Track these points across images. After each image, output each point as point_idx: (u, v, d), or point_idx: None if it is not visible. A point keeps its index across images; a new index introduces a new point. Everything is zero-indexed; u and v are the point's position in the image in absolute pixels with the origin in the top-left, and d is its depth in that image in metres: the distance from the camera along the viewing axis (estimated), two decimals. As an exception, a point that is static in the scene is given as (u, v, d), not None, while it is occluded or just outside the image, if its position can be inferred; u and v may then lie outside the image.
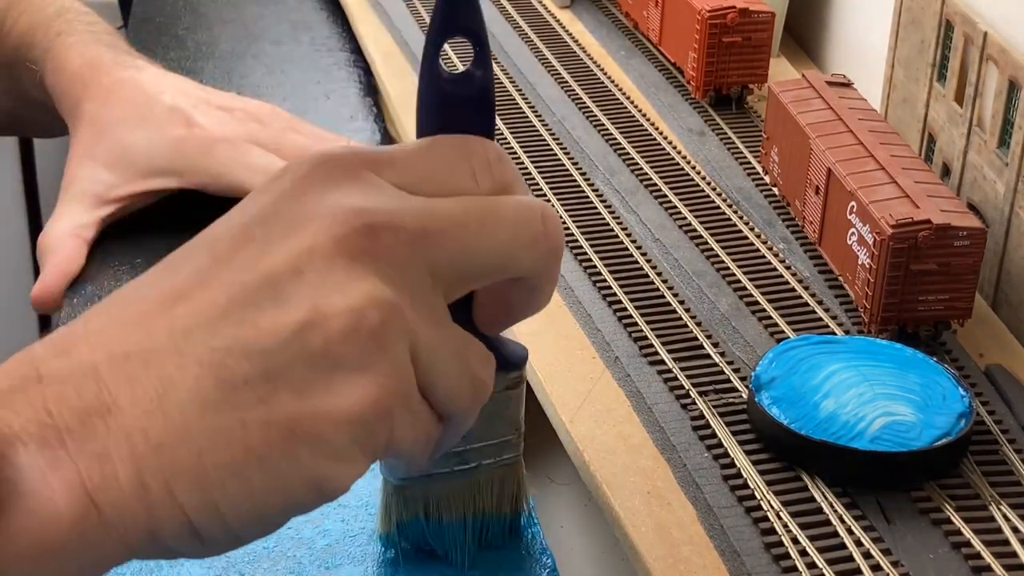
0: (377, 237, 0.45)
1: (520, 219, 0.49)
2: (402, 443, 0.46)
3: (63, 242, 0.86)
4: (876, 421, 0.67)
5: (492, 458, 0.62)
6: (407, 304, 0.45)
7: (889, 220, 0.73)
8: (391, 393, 0.45)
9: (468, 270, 0.48)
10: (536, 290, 0.51)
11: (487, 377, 0.50)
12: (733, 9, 1.00)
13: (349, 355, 0.44)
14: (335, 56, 1.19)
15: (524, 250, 0.49)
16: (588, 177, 0.94)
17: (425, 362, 0.46)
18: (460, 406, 0.48)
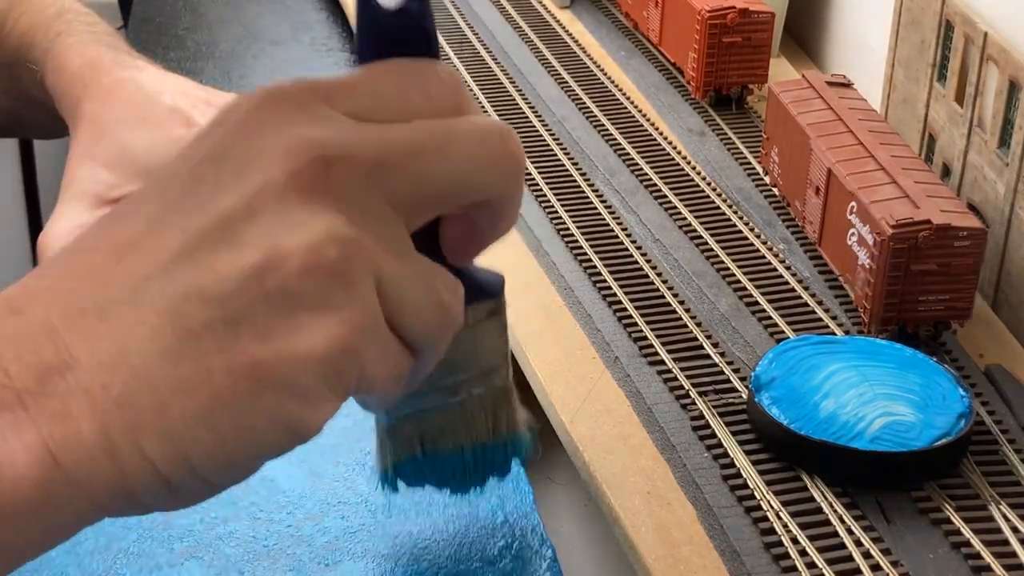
0: (332, 169, 0.44)
1: (479, 139, 0.47)
2: (374, 379, 0.45)
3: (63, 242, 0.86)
4: (876, 421, 0.67)
5: (481, 386, 0.61)
6: (367, 236, 0.44)
7: (889, 220, 0.73)
8: (357, 329, 0.43)
9: (428, 196, 0.46)
10: (501, 212, 0.49)
11: (455, 304, 0.48)
12: (733, 9, 1.00)
13: (310, 294, 0.43)
14: (335, 56, 1.19)
15: (485, 172, 0.47)
16: (588, 177, 0.94)
17: (391, 294, 0.44)
18: (430, 335, 0.47)
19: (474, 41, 1.15)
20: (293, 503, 0.68)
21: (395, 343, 0.46)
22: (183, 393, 0.41)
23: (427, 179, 0.46)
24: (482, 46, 1.14)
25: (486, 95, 1.05)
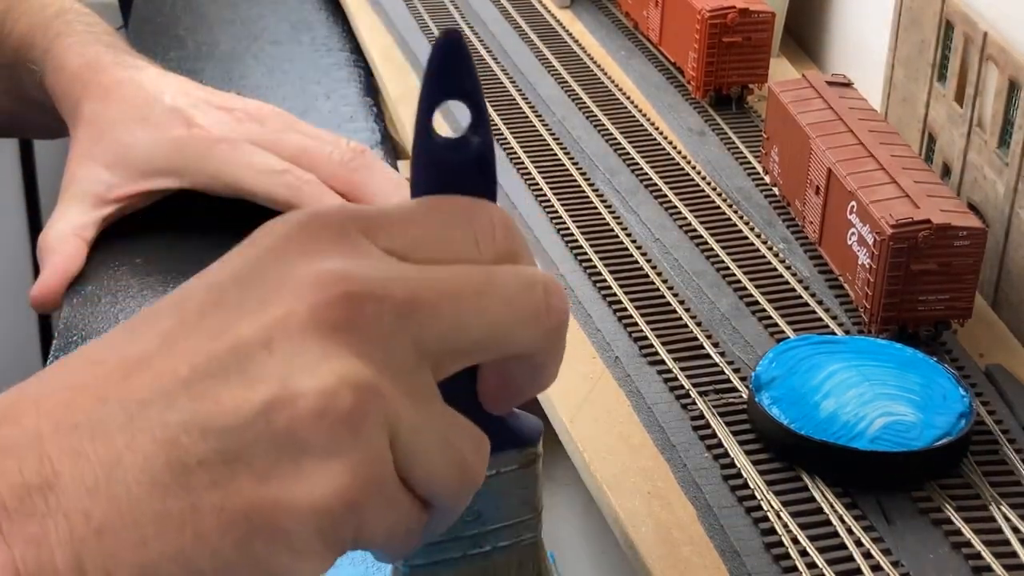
0: (359, 307, 0.41)
1: (519, 292, 0.45)
2: (375, 536, 0.42)
3: (63, 242, 0.86)
4: (876, 421, 0.67)
5: (508, 540, 0.56)
6: (388, 382, 0.41)
7: (889, 220, 0.73)
8: (363, 482, 0.40)
9: (459, 346, 0.43)
10: (540, 368, 0.47)
11: (477, 463, 0.45)
12: (733, 9, 1.00)
13: (317, 440, 0.40)
14: (335, 56, 1.19)
15: (522, 326, 0.45)
16: (588, 177, 0.94)
17: (405, 446, 0.42)
18: (445, 493, 0.44)
19: (474, 41, 1.15)
20: (293, 503, 0.68)
21: (406, 498, 0.43)
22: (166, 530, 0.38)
23: (459, 329, 0.43)
24: (482, 46, 1.14)
25: (486, 94, 1.04)
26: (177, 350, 0.40)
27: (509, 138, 0.99)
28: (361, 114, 1.08)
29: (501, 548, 0.56)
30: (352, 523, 0.41)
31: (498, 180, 0.50)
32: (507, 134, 0.99)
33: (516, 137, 0.99)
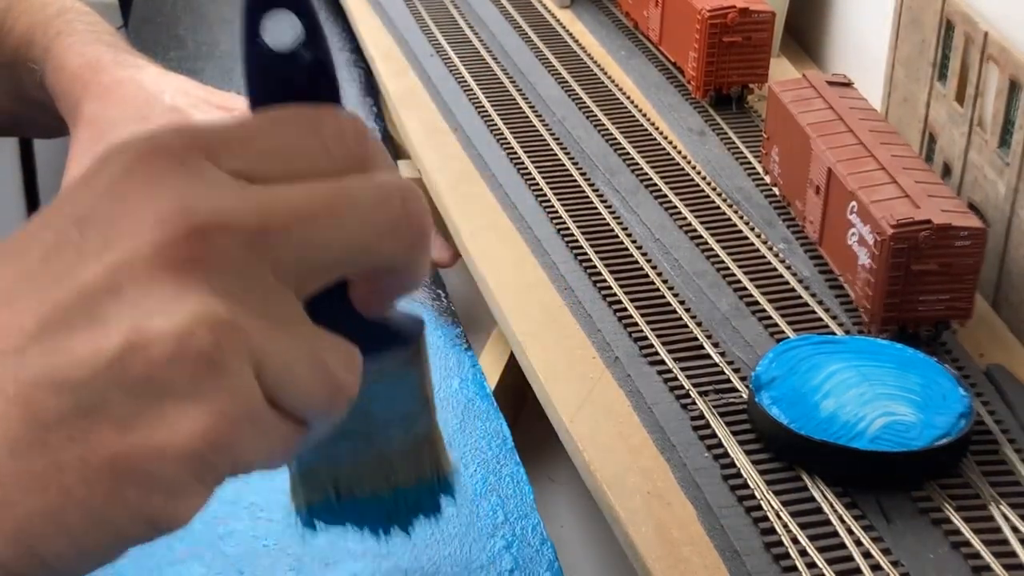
0: (206, 241, 0.39)
1: (375, 205, 0.43)
2: (251, 464, 0.41)
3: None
4: (876, 421, 0.67)
5: (401, 433, 0.57)
6: (246, 313, 0.40)
7: (889, 220, 0.73)
8: (230, 420, 0.39)
9: (319, 266, 0.42)
10: (404, 277, 0.46)
11: (349, 377, 0.44)
12: (733, 9, 1.00)
13: (178, 382, 0.38)
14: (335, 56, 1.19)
15: (382, 240, 0.43)
16: (588, 177, 0.94)
17: (272, 375, 0.40)
18: (319, 411, 0.43)
19: (474, 41, 1.15)
20: (293, 503, 0.68)
21: (279, 423, 0.42)
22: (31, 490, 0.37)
23: (318, 248, 0.42)
24: (482, 46, 1.14)
25: (486, 95, 1.05)
26: (22, 302, 0.39)
27: (509, 138, 0.99)
28: (361, 114, 1.08)
29: (395, 441, 0.57)
30: (225, 459, 0.40)
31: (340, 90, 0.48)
32: (507, 134, 0.99)
33: (516, 137, 0.99)
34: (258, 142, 0.43)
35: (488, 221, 0.89)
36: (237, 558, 0.65)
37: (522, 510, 0.68)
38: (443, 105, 1.04)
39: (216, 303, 0.39)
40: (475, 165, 0.96)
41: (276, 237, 0.41)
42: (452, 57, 1.12)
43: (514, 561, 0.65)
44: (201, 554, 0.65)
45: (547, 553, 0.65)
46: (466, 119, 1.02)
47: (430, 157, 0.97)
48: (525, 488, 0.69)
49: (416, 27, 1.17)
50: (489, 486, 0.69)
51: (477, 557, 0.65)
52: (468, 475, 0.70)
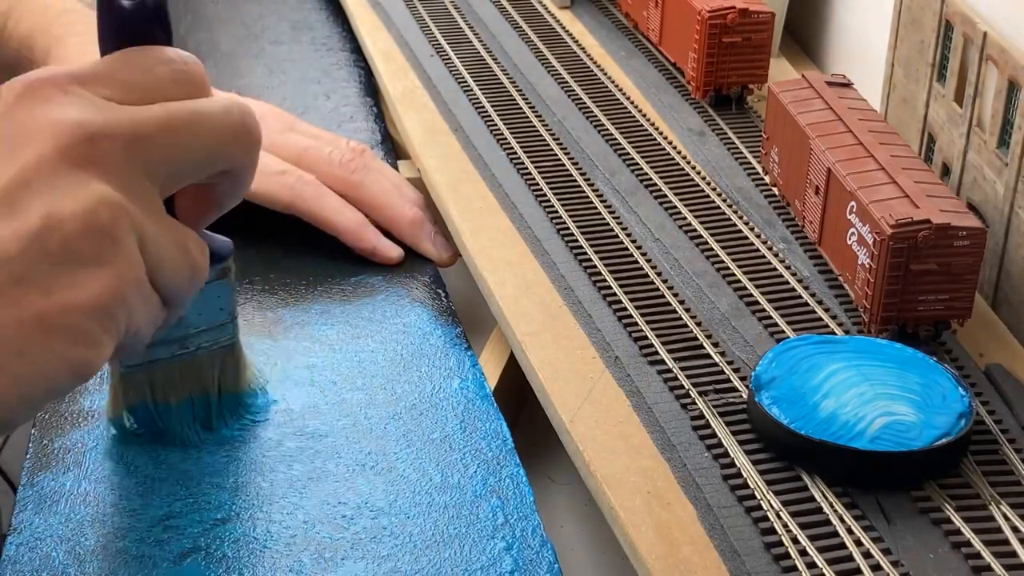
0: (96, 144, 0.50)
1: (222, 116, 0.54)
2: (139, 325, 0.52)
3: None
4: (876, 421, 0.67)
5: (209, 342, 0.70)
6: (130, 202, 0.50)
7: (889, 220, 0.73)
8: (127, 282, 0.50)
9: (181, 167, 0.54)
10: (239, 180, 0.58)
11: (203, 262, 0.56)
12: (733, 9, 1.00)
13: (87, 252, 0.49)
14: (335, 56, 1.19)
15: (229, 145, 0.55)
16: (588, 177, 0.94)
17: (152, 252, 0.52)
18: (181, 289, 0.54)
19: (474, 41, 1.15)
20: (293, 503, 0.68)
21: (155, 296, 0.53)
22: None
23: (179, 151, 0.53)
24: (482, 46, 1.14)
25: (486, 95, 1.05)
26: None
27: (509, 138, 0.99)
28: (361, 114, 1.08)
29: (204, 348, 0.70)
30: (123, 315, 0.51)
31: None
32: (507, 134, 0.99)
33: (516, 137, 0.99)
34: (119, 75, 0.54)
35: (488, 221, 0.89)
36: (237, 558, 0.65)
37: (522, 511, 0.68)
38: (443, 105, 1.04)
39: (109, 190, 0.50)
40: (475, 165, 0.96)
41: (146, 143, 0.52)
42: (452, 57, 1.12)
43: (514, 563, 0.65)
44: (201, 554, 0.65)
45: (547, 555, 0.65)
46: (466, 119, 1.02)
47: (430, 157, 0.97)
48: (525, 489, 0.70)
49: (416, 27, 1.17)
50: (489, 487, 0.69)
51: (477, 558, 0.65)
52: (468, 476, 0.70)
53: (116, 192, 0.50)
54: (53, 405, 0.75)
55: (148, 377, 0.70)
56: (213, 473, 0.70)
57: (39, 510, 0.68)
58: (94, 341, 0.50)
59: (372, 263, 0.89)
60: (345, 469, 0.71)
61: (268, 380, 0.74)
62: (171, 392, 0.71)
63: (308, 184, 0.89)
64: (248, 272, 0.88)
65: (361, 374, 0.78)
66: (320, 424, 0.74)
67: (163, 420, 0.71)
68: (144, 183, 0.52)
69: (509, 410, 0.78)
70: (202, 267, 0.56)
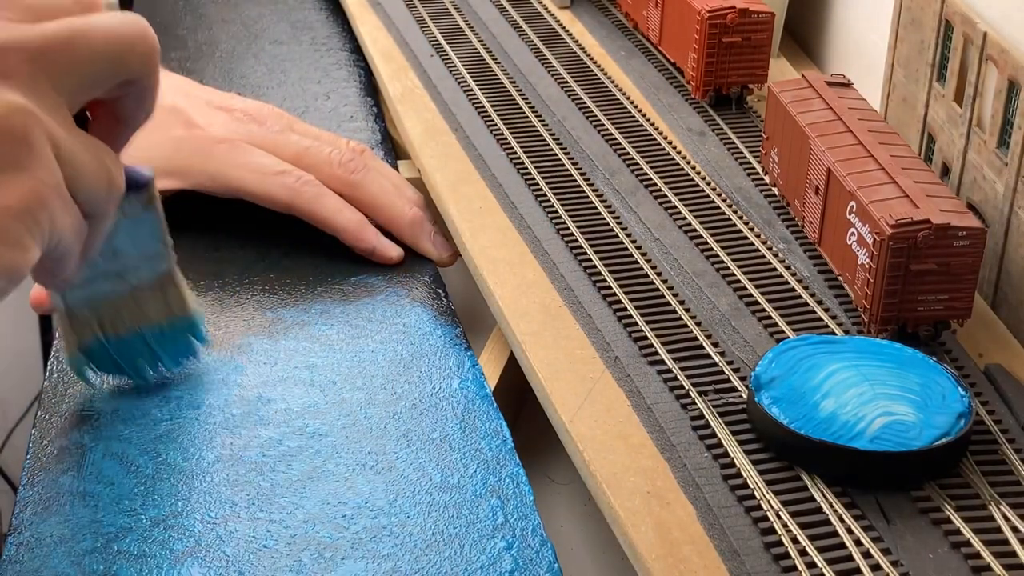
0: (4, 58, 0.53)
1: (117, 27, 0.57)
2: (63, 231, 0.54)
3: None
4: (876, 421, 0.67)
5: (146, 271, 0.73)
6: (41, 111, 0.53)
7: (889, 220, 0.73)
8: (46, 185, 0.53)
9: (84, 77, 0.56)
10: (144, 92, 0.60)
11: (119, 174, 0.59)
12: (733, 9, 1.00)
13: (4, 157, 0.52)
14: (335, 56, 1.19)
15: (127, 54, 0.57)
16: (588, 177, 0.94)
17: (67, 160, 0.54)
18: (100, 198, 0.57)
19: (474, 41, 1.15)
20: (293, 503, 0.68)
21: (74, 204, 0.55)
22: None
23: (81, 62, 0.56)
24: (482, 46, 1.14)
25: (486, 95, 1.05)
26: None
27: (509, 138, 0.99)
28: (361, 114, 1.08)
29: (143, 279, 0.73)
30: (46, 219, 0.53)
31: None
32: (507, 134, 0.99)
33: (516, 137, 0.99)
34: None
35: (488, 221, 0.89)
36: (237, 558, 0.65)
37: (522, 511, 0.68)
38: (443, 105, 1.04)
39: (20, 98, 0.53)
40: (475, 165, 0.96)
41: (50, 55, 0.54)
42: (452, 57, 1.12)
43: (514, 562, 0.65)
44: (201, 554, 0.65)
45: (547, 555, 0.65)
46: (466, 119, 1.02)
47: (430, 157, 0.97)
48: (525, 489, 0.70)
49: (416, 27, 1.17)
50: (489, 487, 0.69)
51: (477, 558, 0.65)
52: (468, 475, 0.70)
53: (26, 100, 0.53)
54: (53, 405, 0.75)
55: (94, 313, 0.72)
56: (213, 473, 0.70)
57: (39, 510, 0.68)
58: (20, 243, 0.52)
59: (372, 263, 0.89)
60: (345, 469, 0.71)
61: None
62: (119, 326, 0.73)
63: (308, 184, 0.89)
64: (248, 272, 0.88)
65: (361, 374, 0.78)
66: (320, 424, 0.74)
67: (118, 354, 0.74)
68: (52, 94, 0.54)
69: (509, 410, 0.78)
70: (118, 178, 0.59)
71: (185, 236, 0.76)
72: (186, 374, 0.78)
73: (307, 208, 0.89)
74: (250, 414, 0.75)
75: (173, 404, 0.75)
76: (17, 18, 0.55)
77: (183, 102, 0.91)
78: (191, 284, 0.76)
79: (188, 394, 0.76)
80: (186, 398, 0.76)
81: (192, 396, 0.76)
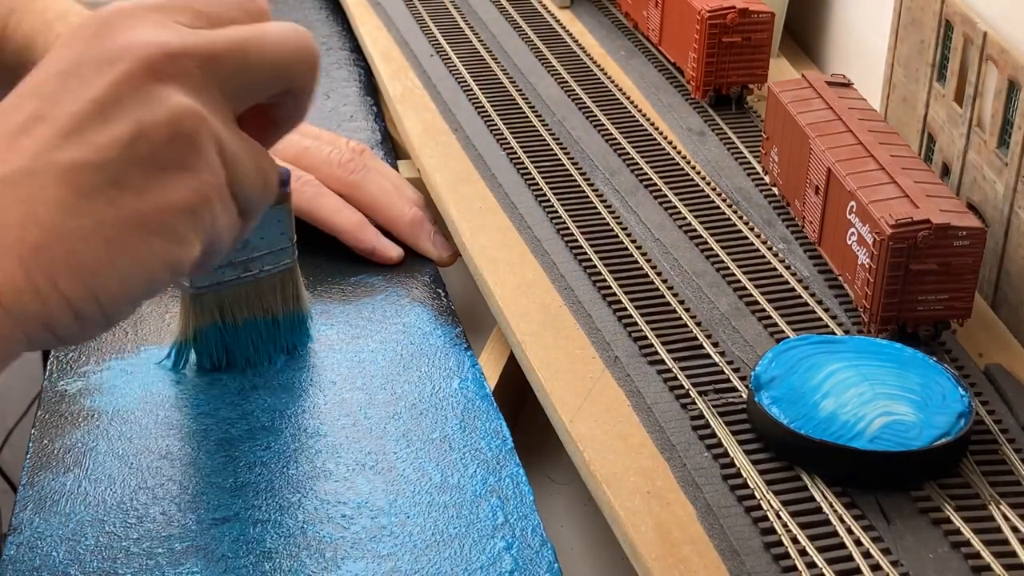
0: (178, 61, 0.54)
1: (286, 36, 0.58)
2: (222, 229, 0.56)
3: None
4: (876, 421, 0.67)
5: (272, 265, 0.76)
6: (208, 114, 0.55)
7: (889, 220, 0.73)
8: (210, 186, 0.54)
9: (250, 83, 0.57)
10: (300, 100, 0.61)
11: (274, 176, 0.60)
12: (733, 9, 1.00)
13: (173, 157, 0.53)
14: (335, 56, 1.19)
15: (293, 62, 0.59)
16: (588, 177, 0.94)
17: (230, 161, 0.56)
18: (255, 198, 0.58)
19: (474, 41, 1.15)
20: (293, 504, 0.68)
21: (234, 204, 0.57)
22: (85, 240, 0.51)
23: (247, 68, 0.57)
24: (482, 46, 1.14)
25: (486, 95, 1.05)
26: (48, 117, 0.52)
27: (509, 138, 0.99)
28: (361, 114, 1.09)
29: (266, 271, 0.76)
30: (208, 216, 0.55)
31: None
32: (507, 134, 0.99)
33: (516, 137, 0.99)
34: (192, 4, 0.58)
35: (488, 221, 0.89)
36: (237, 558, 0.65)
37: (522, 511, 0.68)
38: (443, 105, 1.04)
39: (191, 102, 0.54)
40: (475, 165, 0.96)
41: (221, 60, 0.56)
42: (452, 57, 1.12)
43: (514, 562, 0.65)
44: (201, 554, 0.65)
45: (547, 554, 0.65)
46: (466, 119, 1.02)
47: (430, 157, 0.97)
48: (525, 489, 0.70)
49: (416, 27, 1.17)
50: (489, 487, 0.69)
51: (477, 558, 0.65)
52: (468, 475, 0.70)
53: (197, 104, 0.54)
54: (53, 405, 0.75)
55: (216, 299, 0.75)
56: (213, 473, 0.70)
57: (39, 510, 0.68)
58: (185, 239, 0.54)
59: (372, 263, 0.89)
60: (345, 469, 0.71)
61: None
62: (237, 313, 0.76)
63: (307, 184, 0.89)
64: (248, 272, 0.88)
65: (361, 374, 0.78)
66: (320, 424, 0.74)
67: (231, 340, 0.77)
68: (219, 98, 0.55)
69: (509, 410, 0.78)
70: (273, 179, 0.60)
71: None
72: (186, 374, 0.78)
73: (307, 208, 0.89)
74: (250, 414, 0.75)
75: (173, 404, 0.76)
76: (192, 24, 0.57)
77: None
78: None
79: (188, 394, 0.76)
80: (186, 398, 0.76)
81: (192, 396, 0.76)
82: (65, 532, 0.66)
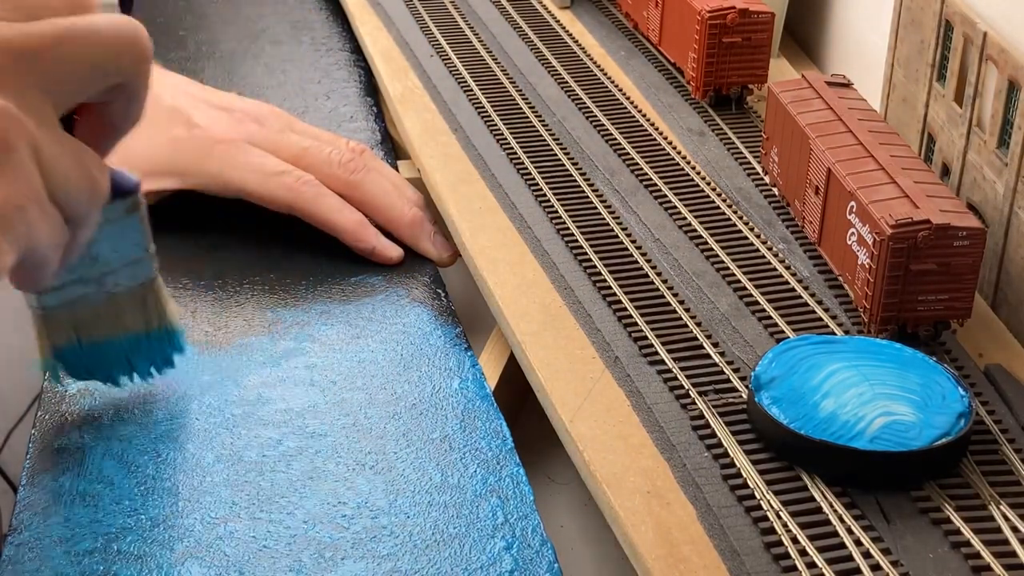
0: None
1: (106, 29, 0.55)
2: (39, 239, 0.52)
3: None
4: (876, 421, 0.67)
5: (128, 279, 0.70)
6: (23, 114, 0.51)
7: (889, 220, 0.73)
8: (22, 192, 0.51)
9: (72, 78, 0.54)
10: (133, 97, 0.58)
11: (103, 179, 0.56)
12: (733, 9, 1.00)
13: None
14: (335, 56, 1.19)
15: (118, 57, 0.55)
16: (588, 177, 0.94)
17: (48, 165, 0.52)
18: (82, 205, 0.55)
19: (474, 41, 1.15)
20: (293, 503, 0.68)
21: (55, 212, 0.53)
22: None
23: (69, 63, 0.54)
24: (482, 46, 1.14)
25: (486, 95, 1.05)
26: None
27: (509, 138, 0.99)
28: (361, 114, 1.08)
29: (123, 286, 0.70)
30: (23, 223, 0.51)
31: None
32: (507, 134, 0.99)
33: (516, 137, 0.99)
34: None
35: (488, 221, 0.89)
36: (237, 558, 0.65)
37: (522, 511, 0.68)
38: (443, 105, 1.04)
39: (3, 102, 0.50)
40: (475, 165, 0.96)
41: (39, 55, 0.52)
42: (452, 58, 1.12)
43: (514, 562, 0.65)
44: (201, 554, 0.65)
45: (547, 554, 0.65)
46: (466, 119, 1.02)
47: (430, 157, 0.97)
48: (525, 489, 0.70)
49: (416, 27, 1.17)
50: (489, 487, 0.69)
51: (477, 558, 0.65)
52: (468, 475, 0.70)
53: (8, 103, 0.51)
54: (53, 405, 0.75)
55: (70, 317, 0.70)
56: (213, 473, 0.70)
57: (39, 510, 0.68)
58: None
59: (372, 263, 0.89)
60: (345, 469, 0.71)
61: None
62: (95, 332, 0.71)
63: (308, 184, 0.89)
64: (248, 272, 0.88)
65: (361, 374, 0.78)
66: (320, 424, 0.74)
67: (92, 360, 0.72)
68: (37, 97, 0.52)
69: (509, 410, 0.78)
70: (103, 185, 0.57)
71: (185, 236, 0.76)
72: (186, 375, 0.78)
73: (307, 208, 0.89)
74: (250, 414, 0.75)
75: (173, 404, 0.75)
76: (6, 16, 0.53)
77: (184, 102, 0.91)
78: (190, 284, 0.75)
79: (188, 394, 0.76)
80: (186, 398, 0.76)
81: (192, 396, 0.76)
82: (65, 533, 0.66)
